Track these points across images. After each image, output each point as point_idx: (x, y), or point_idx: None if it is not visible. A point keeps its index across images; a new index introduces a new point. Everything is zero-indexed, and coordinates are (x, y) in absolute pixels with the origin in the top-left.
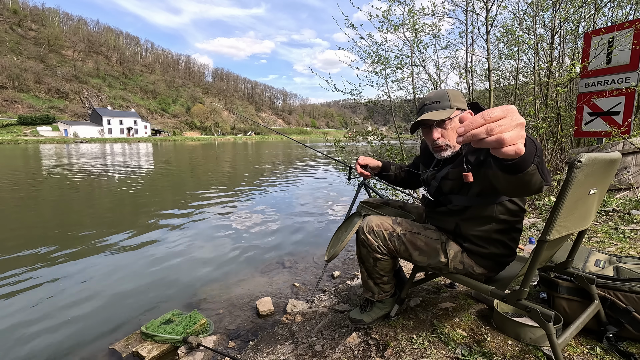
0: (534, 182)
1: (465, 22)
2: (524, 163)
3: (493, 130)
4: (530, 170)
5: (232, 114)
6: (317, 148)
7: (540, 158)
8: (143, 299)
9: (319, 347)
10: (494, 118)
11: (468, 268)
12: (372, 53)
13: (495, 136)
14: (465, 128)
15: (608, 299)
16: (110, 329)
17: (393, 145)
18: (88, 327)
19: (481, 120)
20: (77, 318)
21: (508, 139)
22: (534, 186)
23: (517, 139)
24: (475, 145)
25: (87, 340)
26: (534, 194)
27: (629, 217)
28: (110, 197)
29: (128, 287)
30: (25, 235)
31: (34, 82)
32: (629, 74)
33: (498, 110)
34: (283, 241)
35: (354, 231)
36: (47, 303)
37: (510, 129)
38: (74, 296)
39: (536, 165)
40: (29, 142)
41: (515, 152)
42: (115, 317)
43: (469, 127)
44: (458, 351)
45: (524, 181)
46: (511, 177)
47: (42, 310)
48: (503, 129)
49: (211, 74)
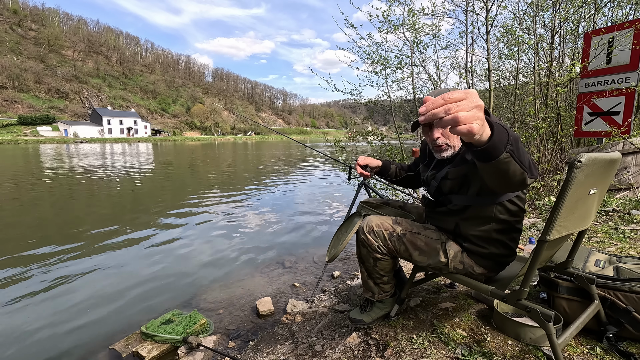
0: (513, 171)
1: (465, 22)
2: (494, 150)
3: (450, 109)
4: (504, 157)
5: (232, 114)
6: (317, 148)
7: (514, 146)
8: (143, 299)
9: (319, 347)
10: (454, 99)
11: (468, 268)
12: (372, 53)
13: (452, 115)
14: (426, 107)
15: (608, 299)
16: (110, 329)
17: (393, 145)
18: (88, 327)
19: (441, 101)
20: (77, 318)
21: (462, 118)
22: (514, 177)
23: (471, 119)
24: (437, 126)
25: (87, 340)
26: (520, 188)
27: (629, 217)
28: (110, 197)
29: (128, 287)
30: (24, 236)
31: (34, 82)
32: (629, 74)
33: (458, 93)
34: (283, 241)
35: (354, 231)
36: (47, 303)
37: (467, 109)
38: (74, 296)
39: (509, 153)
40: (29, 142)
41: (468, 130)
42: (115, 317)
43: (430, 107)
44: (458, 351)
45: (501, 170)
46: (486, 165)
47: (42, 310)
48: (460, 109)
49: (211, 74)
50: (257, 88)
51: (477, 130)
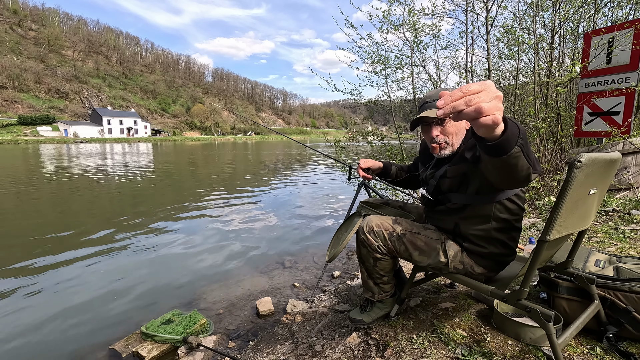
0: (521, 166)
1: (466, 22)
2: (507, 144)
3: (471, 101)
4: (515, 152)
5: (232, 114)
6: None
7: (524, 140)
8: (143, 299)
9: (319, 347)
10: (472, 91)
11: (468, 268)
12: (372, 53)
13: (474, 106)
14: (445, 100)
15: (608, 299)
16: (110, 329)
17: (393, 145)
18: (88, 327)
19: (460, 94)
20: (77, 318)
21: (486, 109)
22: (521, 172)
23: (494, 109)
24: (456, 120)
25: (87, 340)
26: (524, 184)
27: (629, 217)
28: (110, 197)
29: (128, 287)
30: (24, 236)
31: (34, 82)
32: (629, 74)
33: (475, 85)
34: (283, 241)
35: (354, 231)
36: (47, 303)
37: (488, 100)
38: (74, 296)
39: (520, 147)
40: (29, 142)
41: (493, 121)
42: (115, 317)
43: (448, 100)
44: (458, 351)
45: (510, 165)
46: (497, 160)
47: (42, 310)
48: (481, 100)
49: (211, 74)
50: (257, 88)
51: (500, 121)
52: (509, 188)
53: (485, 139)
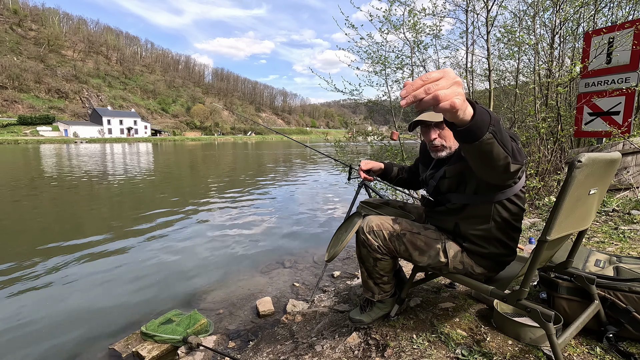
0: (496, 154)
1: (466, 23)
2: (477, 130)
3: (430, 89)
4: (486, 138)
5: (232, 114)
6: (317, 148)
7: (496, 127)
8: (143, 299)
9: (319, 347)
10: (432, 79)
11: (468, 268)
12: (372, 53)
13: (432, 94)
14: (406, 90)
15: (608, 299)
16: (110, 329)
17: (393, 146)
18: (88, 327)
19: (420, 82)
20: (77, 318)
21: (442, 95)
22: (497, 160)
23: (452, 95)
24: (418, 108)
25: (87, 341)
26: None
27: (629, 217)
28: (110, 197)
29: (128, 287)
30: (25, 236)
31: (34, 82)
32: (629, 74)
33: (435, 72)
34: (283, 241)
35: (354, 231)
36: (47, 303)
37: (446, 87)
38: (74, 296)
39: (492, 134)
40: (29, 142)
41: (451, 105)
42: (115, 317)
43: (410, 89)
44: (458, 351)
45: (485, 152)
46: (471, 147)
47: (42, 310)
48: (439, 88)
49: (211, 74)
50: (257, 88)
51: (460, 105)
52: (492, 180)
53: (455, 124)
